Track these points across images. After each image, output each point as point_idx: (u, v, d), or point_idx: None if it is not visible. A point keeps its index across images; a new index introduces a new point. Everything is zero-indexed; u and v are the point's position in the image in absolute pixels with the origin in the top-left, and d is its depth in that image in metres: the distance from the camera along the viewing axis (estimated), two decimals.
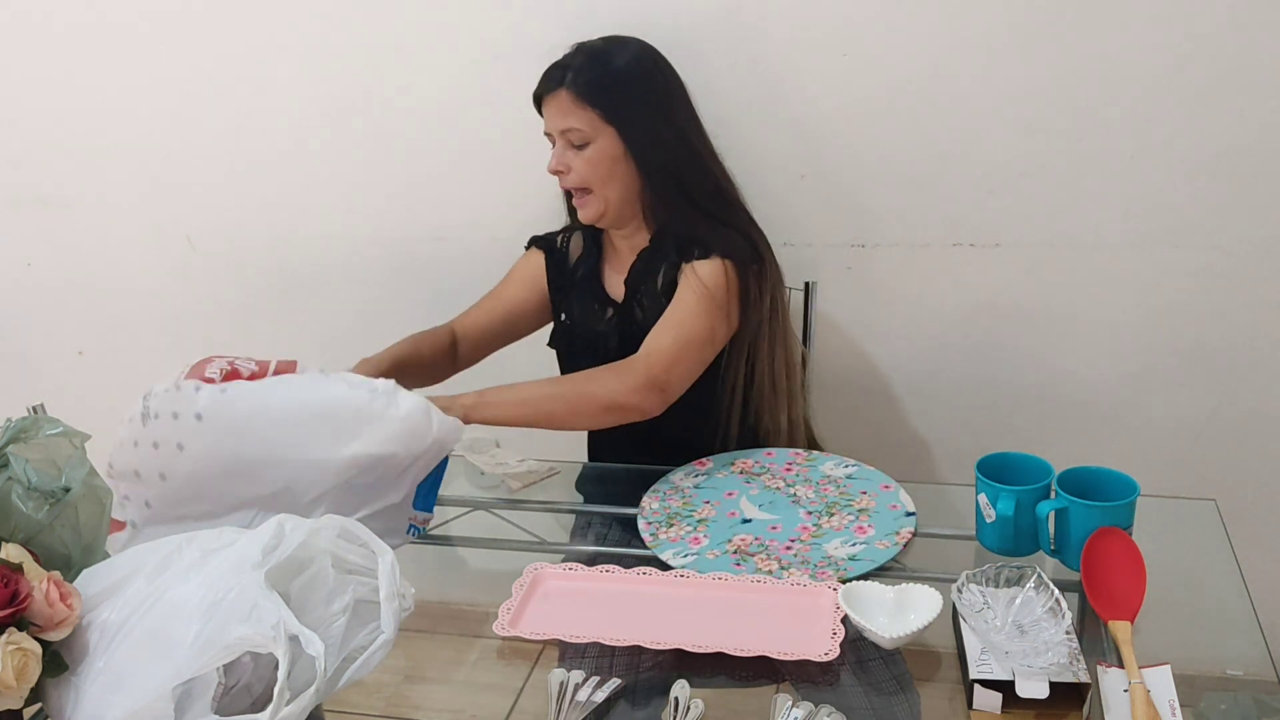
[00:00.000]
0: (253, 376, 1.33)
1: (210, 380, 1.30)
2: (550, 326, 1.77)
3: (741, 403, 1.62)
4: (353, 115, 1.99)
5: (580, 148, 1.56)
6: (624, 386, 1.47)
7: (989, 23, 1.71)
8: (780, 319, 1.64)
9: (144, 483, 1.30)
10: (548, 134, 1.59)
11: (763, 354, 1.62)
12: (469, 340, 1.75)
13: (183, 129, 2.06)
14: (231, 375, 1.33)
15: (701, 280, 1.53)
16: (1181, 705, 1.05)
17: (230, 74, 2.00)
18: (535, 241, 1.77)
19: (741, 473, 1.53)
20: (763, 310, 1.60)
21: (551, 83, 1.56)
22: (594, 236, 1.71)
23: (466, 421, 1.42)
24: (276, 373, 1.35)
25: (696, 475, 1.53)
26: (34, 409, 1.64)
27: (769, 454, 1.57)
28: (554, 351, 1.76)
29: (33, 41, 2.06)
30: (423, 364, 1.66)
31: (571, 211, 1.68)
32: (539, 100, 1.59)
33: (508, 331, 1.77)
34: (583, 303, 1.70)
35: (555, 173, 1.59)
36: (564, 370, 1.75)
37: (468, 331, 1.75)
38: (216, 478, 1.29)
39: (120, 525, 1.33)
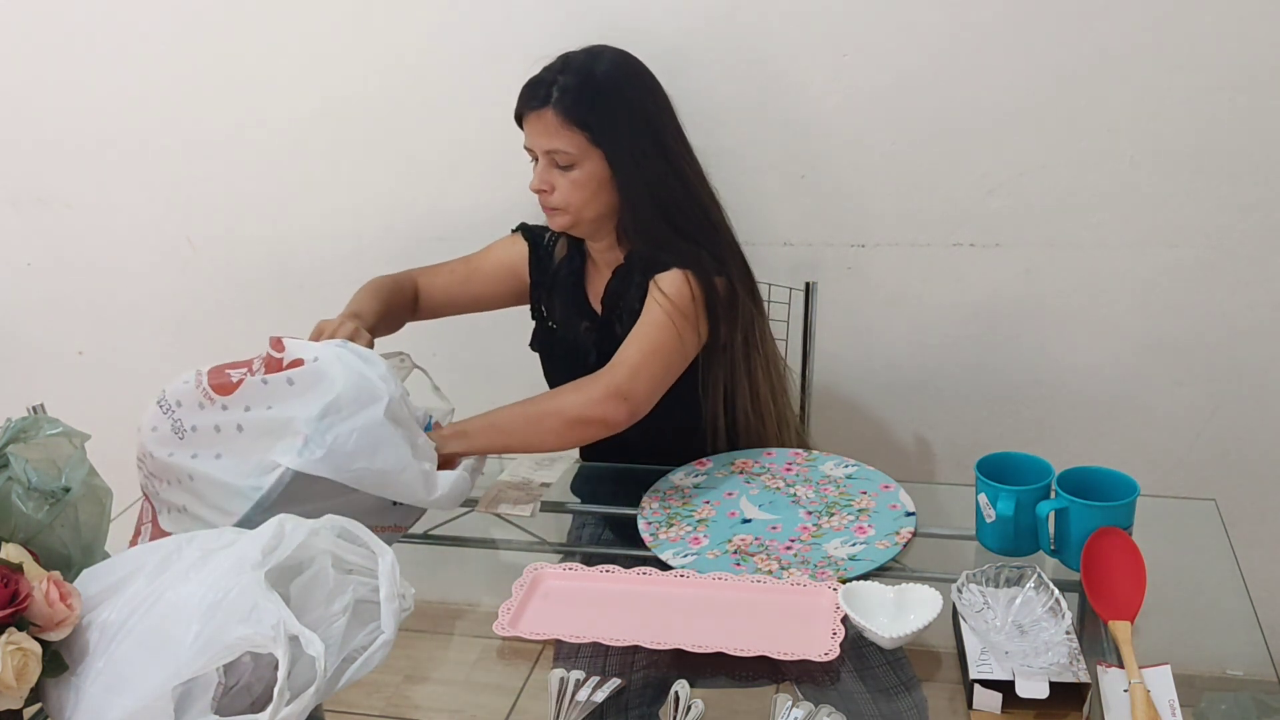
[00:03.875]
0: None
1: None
2: (531, 328, 1.76)
3: (726, 437, 1.61)
4: (352, 116, 1.99)
5: (565, 168, 1.51)
6: (586, 399, 1.44)
7: (989, 22, 1.71)
8: (763, 351, 1.62)
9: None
10: (529, 149, 1.55)
11: (743, 388, 1.60)
12: (431, 302, 1.74)
13: (183, 129, 2.06)
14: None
15: (663, 292, 1.50)
16: (1181, 705, 1.05)
17: (230, 74, 2.00)
18: (523, 230, 1.75)
19: (741, 473, 1.53)
20: (735, 328, 1.56)
21: (535, 101, 1.51)
22: (579, 243, 1.70)
23: (441, 454, 1.41)
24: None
25: (696, 475, 1.53)
26: (34, 409, 1.64)
27: (769, 454, 1.57)
28: (535, 354, 1.76)
29: (33, 42, 2.06)
30: (389, 319, 1.66)
31: None
32: (520, 115, 1.54)
33: (472, 306, 1.76)
34: (564, 307, 1.69)
35: (538, 191, 1.54)
36: (546, 373, 1.75)
37: (432, 295, 1.74)
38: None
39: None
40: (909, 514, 1.39)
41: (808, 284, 1.82)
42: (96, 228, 2.19)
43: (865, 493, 1.45)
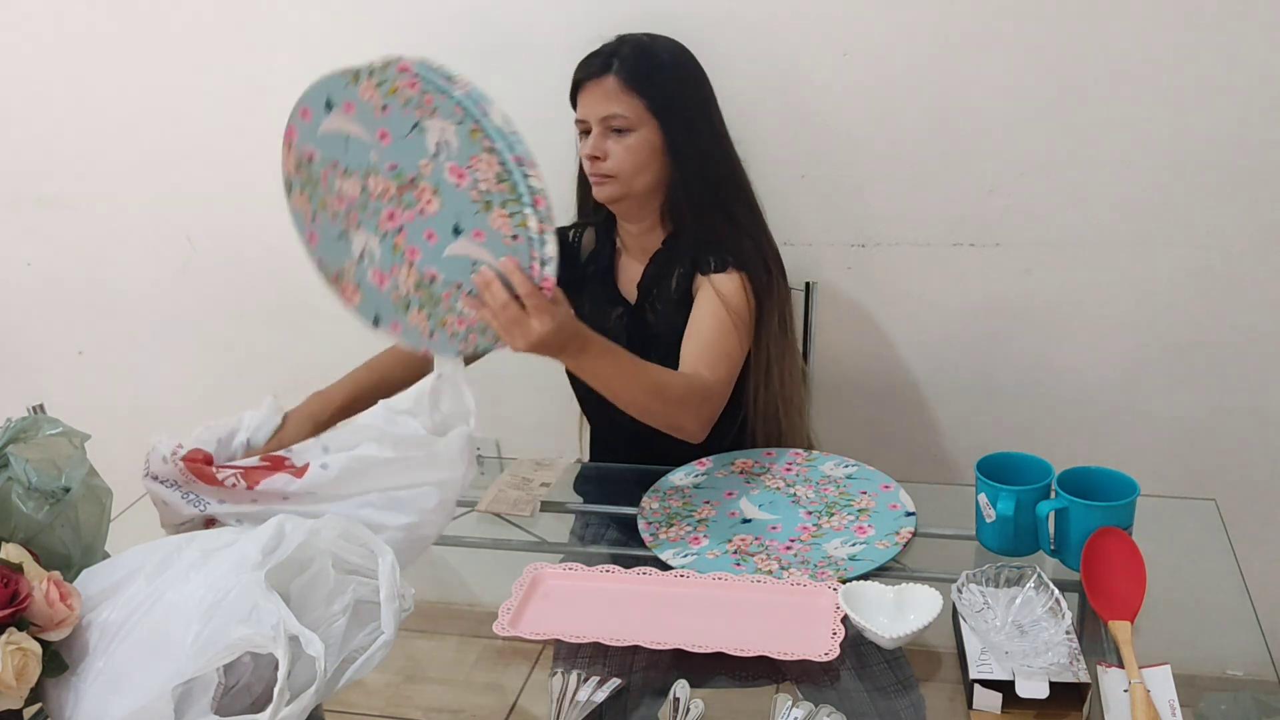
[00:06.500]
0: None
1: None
2: None
3: (761, 417, 1.64)
4: None
5: (620, 133, 1.54)
6: (701, 416, 1.45)
7: (990, 22, 1.71)
8: (789, 334, 1.65)
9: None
10: (581, 122, 1.57)
11: (775, 370, 1.63)
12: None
13: (183, 129, 2.06)
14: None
15: (725, 297, 1.53)
16: (1181, 705, 1.05)
17: (231, 74, 2.00)
18: None
19: (741, 473, 1.53)
20: (772, 326, 1.60)
21: (595, 69, 1.55)
22: (608, 233, 1.70)
23: (563, 357, 1.30)
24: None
25: (696, 475, 1.53)
26: (34, 409, 1.64)
27: (769, 454, 1.57)
28: None
29: (33, 42, 2.06)
30: (393, 386, 1.52)
31: (582, 206, 1.68)
32: (579, 85, 1.57)
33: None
34: (594, 299, 1.69)
35: (591, 158, 1.56)
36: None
37: None
38: None
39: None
40: (909, 514, 1.39)
41: (808, 284, 1.82)
42: (96, 228, 2.19)
43: (865, 493, 1.45)
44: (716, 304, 1.53)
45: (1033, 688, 1.06)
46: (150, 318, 2.25)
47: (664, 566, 1.33)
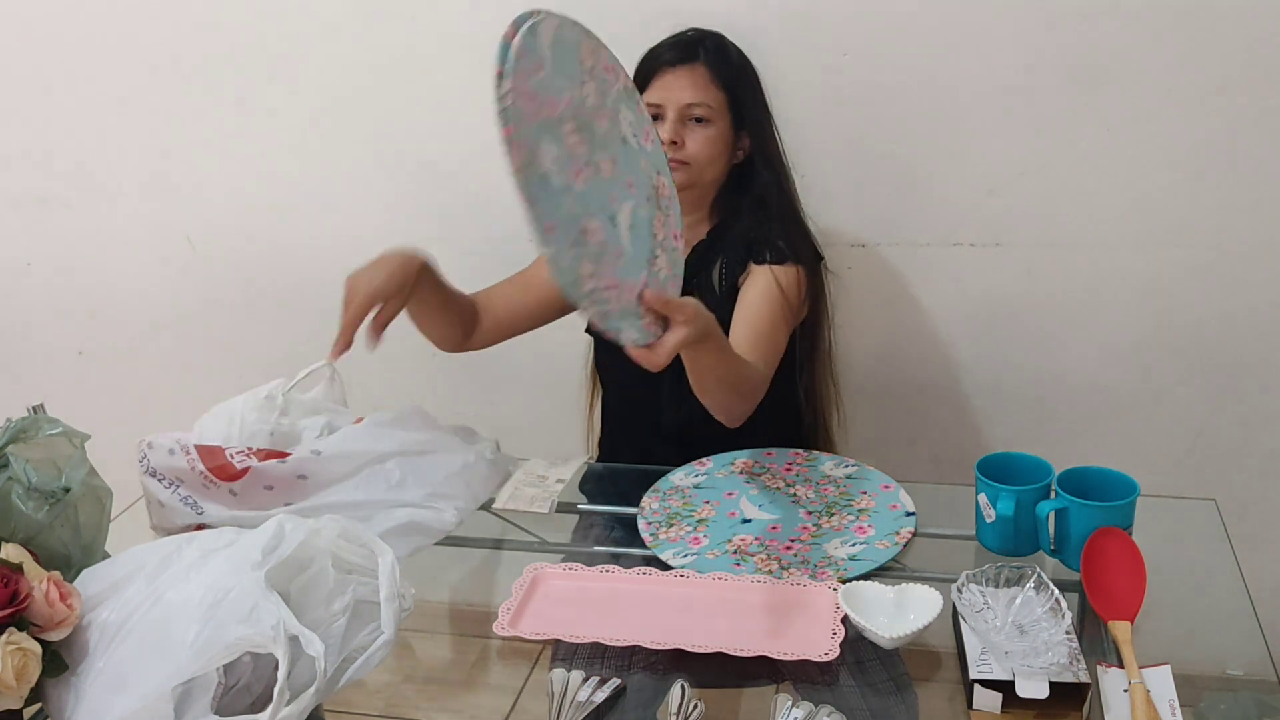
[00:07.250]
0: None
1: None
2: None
3: (813, 404, 1.69)
4: (353, 115, 1.99)
5: (701, 123, 1.55)
6: (752, 406, 1.43)
7: (989, 22, 1.71)
8: (828, 322, 1.71)
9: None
10: (654, 106, 1.54)
11: (834, 369, 1.70)
12: (492, 316, 1.63)
13: (183, 129, 2.06)
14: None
15: (784, 288, 1.54)
16: (1181, 705, 1.05)
17: (231, 74, 2.00)
18: None
19: (741, 473, 1.53)
20: (829, 325, 1.67)
21: (681, 55, 1.56)
22: None
23: (679, 344, 1.18)
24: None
25: (696, 475, 1.53)
26: (34, 409, 1.64)
27: (769, 454, 1.57)
28: (581, 338, 1.76)
29: (33, 41, 2.06)
30: (448, 314, 1.54)
31: None
32: (657, 70, 1.56)
33: (536, 314, 1.68)
34: None
35: (670, 143, 1.54)
36: (598, 356, 1.77)
37: (493, 306, 1.63)
38: None
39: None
40: (909, 514, 1.39)
41: None
42: (96, 228, 2.19)
43: (865, 493, 1.45)
44: (775, 293, 1.53)
45: (1033, 688, 1.06)
46: (150, 318, 2.24)
47: (664, 566, 1.33)
